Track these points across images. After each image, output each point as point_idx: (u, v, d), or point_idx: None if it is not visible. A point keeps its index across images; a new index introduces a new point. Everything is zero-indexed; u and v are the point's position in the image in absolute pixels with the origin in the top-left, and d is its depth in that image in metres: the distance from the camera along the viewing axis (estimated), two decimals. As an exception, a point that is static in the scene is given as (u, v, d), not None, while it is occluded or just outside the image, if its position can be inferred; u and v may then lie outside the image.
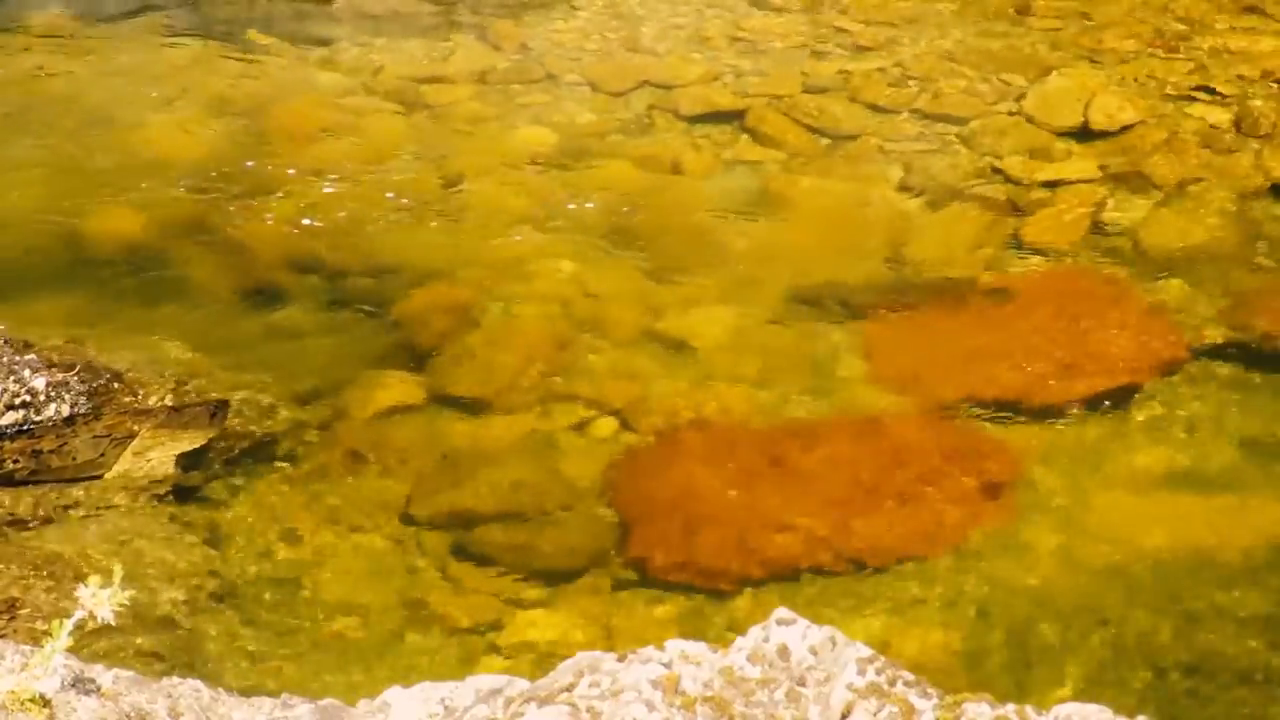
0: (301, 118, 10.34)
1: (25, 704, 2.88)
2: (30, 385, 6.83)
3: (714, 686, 3.23)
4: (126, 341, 7.71)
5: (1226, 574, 6.43)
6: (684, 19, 11.79)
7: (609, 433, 7.40)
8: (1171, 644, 6.12)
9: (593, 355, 7.94)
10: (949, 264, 8.57)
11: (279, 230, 9.06)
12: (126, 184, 9.54)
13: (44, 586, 6.13)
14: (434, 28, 11.80)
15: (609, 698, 3.19)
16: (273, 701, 3.58)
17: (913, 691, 3.20)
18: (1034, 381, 7.53)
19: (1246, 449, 7.14)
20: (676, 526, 6.78)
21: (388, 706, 3.50)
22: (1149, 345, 7.76)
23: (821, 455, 7.10)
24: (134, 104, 10.54)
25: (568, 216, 9.17)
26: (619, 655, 3.36)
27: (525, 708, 3.21)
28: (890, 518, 6.76)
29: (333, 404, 7.57)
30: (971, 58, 10.90)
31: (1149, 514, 6.79)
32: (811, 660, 3.29)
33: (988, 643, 6.19)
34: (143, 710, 3.17)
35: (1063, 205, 9.03)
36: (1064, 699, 4.75)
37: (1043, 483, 6.99)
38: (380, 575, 6.65)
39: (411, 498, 7.04)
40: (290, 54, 11.35)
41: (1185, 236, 8.65)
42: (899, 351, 7.83)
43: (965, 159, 9.64)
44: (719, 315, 8.20)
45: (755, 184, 9.52)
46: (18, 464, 6.72)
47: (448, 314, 8.23)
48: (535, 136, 10.09)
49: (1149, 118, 9.84)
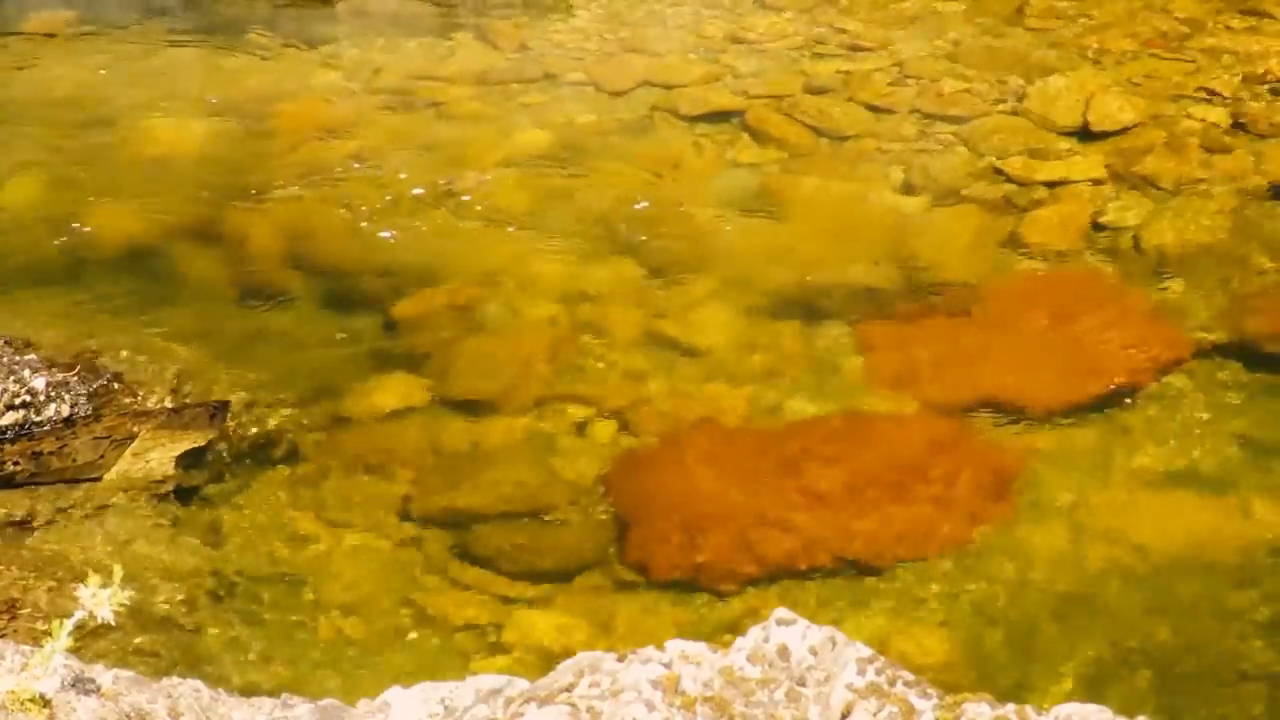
0: (302, 118, 10.35)
1: (25, 704, 2.88)
2: (30, 386, 6.83)
3: (714, 686, 3.24)
4: (126, 342, 7.72)
5: (1226, 574, 6.43)
6: (684, 19, 11.80)
7: (609, 433, 7.40)
8: (1171, 644, 6.12)
9: (593, 356, 7.94)
10: (949, 264, 8.57)
11: (279, 230, 9.06)
12: (127, 184, 9.55)
13: (44, 587, 6.13)
14: (434, 28, 11.81)
15: (609, 698, 3.19)
16: (273, 701, 3.59)
17: (913, 691, 3.20)
18: (1034, 381, 7.53)
19: (1246, 449, 7.14)
20: (676, 526, 6.78)
21: (388, 706, 3.50)
22: (1149, 346, 7.76)
23: (821, 455, 7.10)
24: (135, 104, 10.55)
25: (568, 216, 9.18)
26: (619, 655, 3.36)
27: (525, 708, 3.21)
28: (890, 518, 6.76)
29: (333, 405, 7.57)
30: (972, 58, 10.90)
31: (1149, 514, 6.78)
32: (811, 660, 3.30)
33: (988, 643, 6.19)
34: (143, 710, 3.18)
35: (1063, 205, 9.03)
36: (1064, 699, 4.75)
37: (1042, 483, 6.99)
38: (380, 575, 6.65)
39: (411, 498, 7.04)
40: (291, 54, 11.36)
41: (1185, 236, 8.65)
42: (899, 352, 7.83)
43: (965, 159, 9.64)
44: (719, 315, 8.20)
45: (755, 184, 9.52)
46: (18, 465, 6.73)
47: (448, 314, 8.23)
48: (535, 137, 10.09)
49: (1149, 118, 9.84)
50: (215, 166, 9.76)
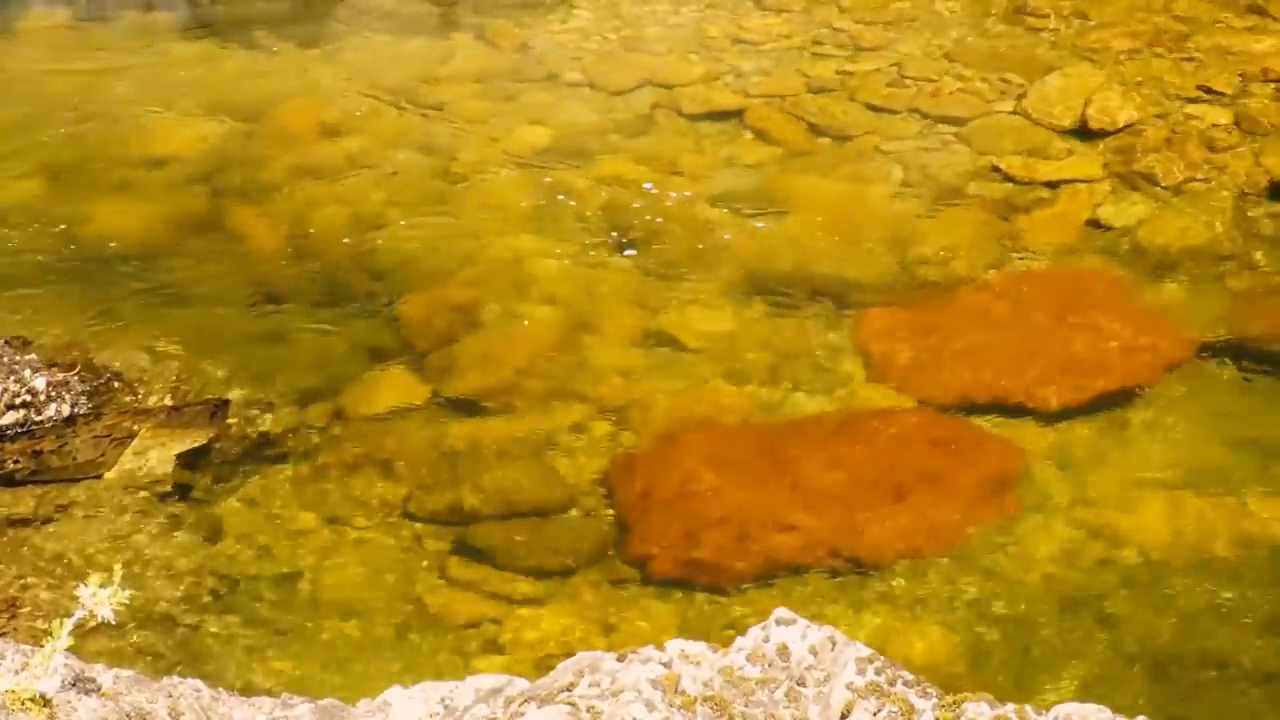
0: (303, 117, 10.35)
1: (26, 703, 2.89)
2: (31, 385, 6.84)
3: (714, 686, 3.24)
4: (127, 341, 7.72)
5: (1226, 574, 6.43)
6: (684, 19, 11.80)
7: (608, 432, 7.40)
8: (1171, 644, 6.12)
9: (592, 354, 7.94)
10: (949, 263, 8.57)
11: (280, 229, 9.07)
12: (127, 183, 9.55)
13: (45, 586, 6.14)
14: (434, 28, 11.80)
15: (609, 697, 3.20)
16: (273, 701, 3.59)
17: (912, 691, 3.20)
18: (1034, 381, 7.53)
19: (1246, 449, 7.14)
20: (676, 525, 6.78)
21: (388, 706, 3.50)
22: (1148, 345, 7.76)
23: (821, 454, 7.10)
24: (135, 103, 10.55)
25: (568, 216, 9.18)
26: (619, 655, 3.36)
27: (525, 707, 3.22)
28: (890, 517, 6.77)
29: (333, 403, 7.57)
30: (971, 57, 10.91)
31: (1149, 514, 6.78)
32: (811, 660, 3.30)
33: (988, 642, 6.19)
34: (143, 710, 3.18)
35: (1062, 205, 9.04)
36: (1064, 699, 4.75)
37: (1042, 482, 6.99)
38: (380, 574, 6.65)
39: (411, 497, 7.04)
40: (291, 53, 11.35)
41: (1185, 236, 8.65)
42: (899, 351, 7.83)
43: (965, 159, 9.64)
44: (719, 314, 8.21)
45: (756, 183, 9.52)
46: (18, 464, 6.73)
47: (448, 314, 8.24)
48: (535, 136, 10.09)
49: (1149, 117, 9.84)
50: (215, 165, 9.76)
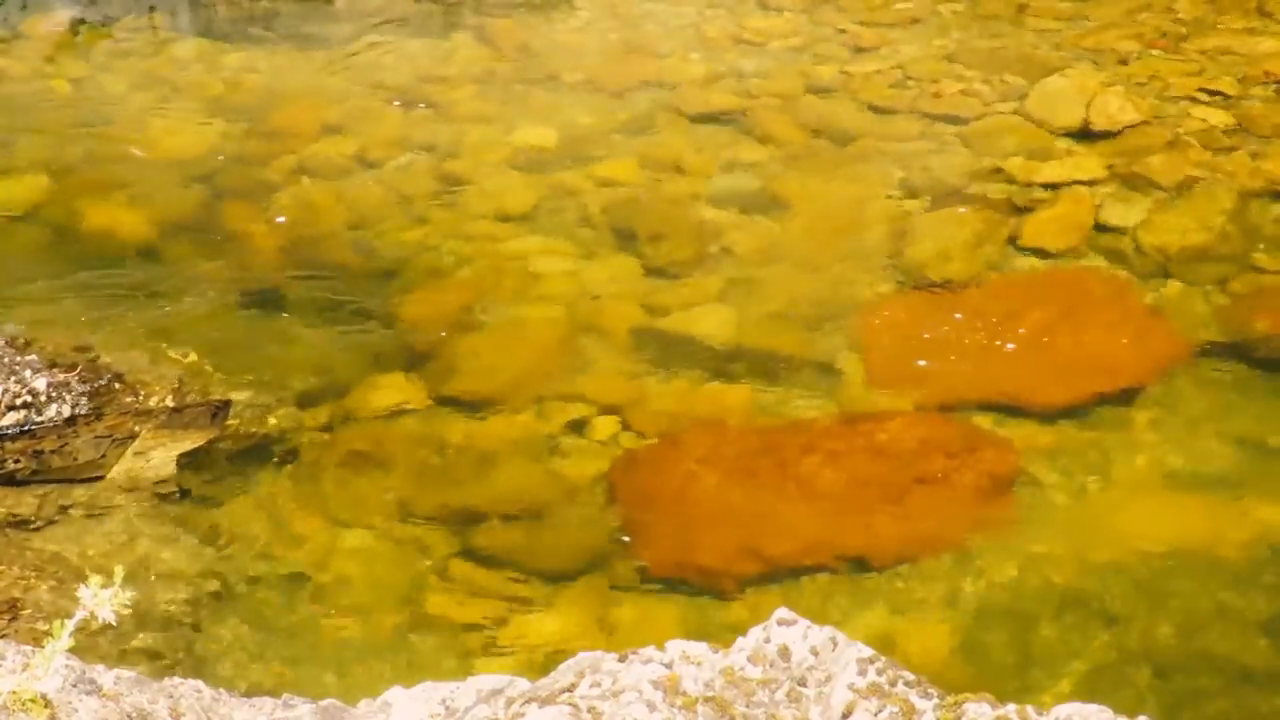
0: (302, 117, 10.35)
1: (27, 704, 2.89)
2: (31, 386, 6.83)
3: (715, 687, 3.24)
4: (127, 341, 7.72)
5: (1227, 574, 6.43)
6: (685, 19, 11.80)
7: (609, 432, 7.40)
8: (1172, 644, 6.12)
9: (593, 355, 7.94)
10: (949, 264, 8.57)
11: (280, 230, 9.07)
12: (127, 183, 9.55)
13: (46, 587, 6.14)
14: (435, 27, 11.80)
15: (610, 698, 3.20)
16: (274, 701, 3.59)
17: (913, 691, 3.20)
18: (1034, 381, 7.53)
19: (1246, 449, 7.14)
20: (677, 526, 6.78)
21: (389, 706, 3.50)
22: (1149, 345, 7.76)
23: (821, 455, 7.11)
24: (135, 103, 10.56)
25: (568, 216, 9.18)
26: (620, 655, 3.36)
27: (526, 708, 3.22)
28: (891, 517, 6.77)
29: (334, 404, 7.57)
30: (972, 58, 10.91)
31: (1149, 514, 6.79)
32: (812, 660, 3.30)
33: (988, 643, 6.20)
34: (144, 710, 3.18)
35: (1063, 205, 9.03)
36: (1064, 699, 4.75)
37: (1043, 483, 6.99)
38: (381, 575, 6.65)
39: (412, 498, 7.04)
40: (291, 54, 11.35)
41: (1185, 236, 8.65)
42: (899, 351, 7.83)
43: (965, 159, 9.64)
44: (719, 315, 8.21)
45: (756, 184, 9.52)
46: (19, 464, 6.73)
47: (448, 314, 8.24)
48: (536, 136, 10.09)
49: (1150, 118, 9.84)
50: (216, 165, 9.76)
